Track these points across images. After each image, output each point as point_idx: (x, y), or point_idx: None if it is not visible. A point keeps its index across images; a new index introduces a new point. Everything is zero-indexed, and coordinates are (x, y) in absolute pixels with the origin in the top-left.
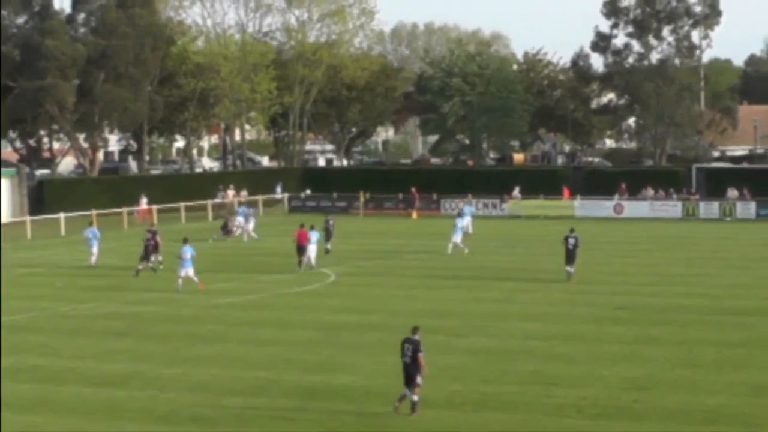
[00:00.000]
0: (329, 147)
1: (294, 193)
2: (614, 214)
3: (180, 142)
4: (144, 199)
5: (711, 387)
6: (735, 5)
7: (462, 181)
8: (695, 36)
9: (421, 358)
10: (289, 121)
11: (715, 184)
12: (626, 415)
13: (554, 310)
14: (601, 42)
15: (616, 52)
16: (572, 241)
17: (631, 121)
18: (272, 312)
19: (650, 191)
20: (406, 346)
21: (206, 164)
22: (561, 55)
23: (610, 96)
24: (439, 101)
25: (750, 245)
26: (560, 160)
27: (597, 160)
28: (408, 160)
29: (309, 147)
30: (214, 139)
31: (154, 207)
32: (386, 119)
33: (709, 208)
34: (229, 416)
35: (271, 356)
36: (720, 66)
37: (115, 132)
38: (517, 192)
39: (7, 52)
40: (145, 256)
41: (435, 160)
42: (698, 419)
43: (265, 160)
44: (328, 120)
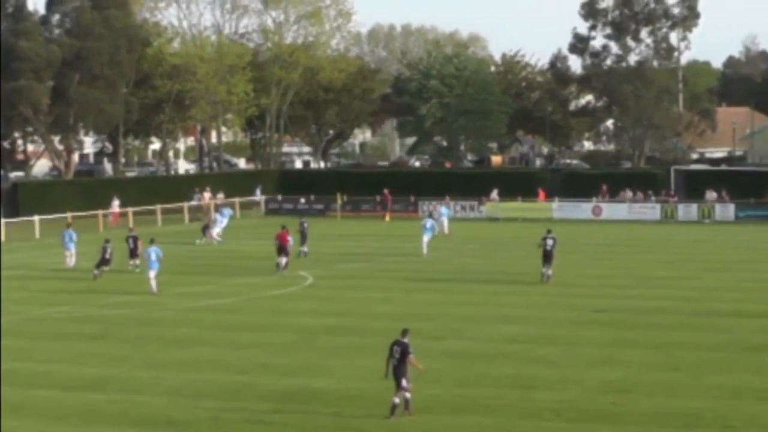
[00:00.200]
0: (306, 149)
1: (271, 195)
2: (593, 217)
3: (156, 144)
4: (116, 202)
5: (690, 390)
6: (713, 7)
7: (440, 184)
8: (673, 38)
9: (413, 358)
10: (266, 123)
11: (693, 187)
12: (605, 419)
13: (533, 313)
14: (579, 44)
15: (594, 54)
16: (550, 242)
17: (610, 123)
18: (248, 315)
19: (629, 193)
20: (395, 348)
21: (182, 166)
22: (539, 56)
23: (589, 98)
24: (417, 103)
25: (729, 247)
26: (538, 162)
27: (575, 162)
28: (385, 162)
29: (286, 149)
30: (191, 141)
31: (130, 209)
32: (363, 121)
33: (688, 211)
34: (205, 420)
35: (248, 360)
36: (698, 68)
37: (90, 134)
38: (495, 194)
39: None
40: (101, 263)
41: (414, 162)
42: (677, 422)
43: (242, 163)
44: (305, 122)
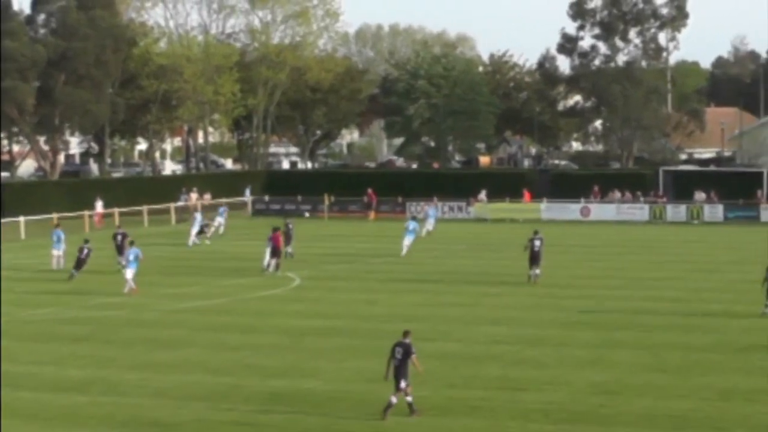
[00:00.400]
0: (293, 150)
1: (258, 196)
2: (581, 218)
3: (142, 145)
4: (99, 203)
5: (678, 391)
6: (702, 7)
7: (428, 184)
8: (662, 38)
9: (415, 359)
10: (253, 124)
11: (682, 187)
12: (593, 420)
13: (521, 315)
14: (568, 44)
15: (583, 54)
16: (537, 243)
17: (598, 124)
18: (236, 316)
19: (617, 194)
20: (397, 349)
21: (169, 167)
22: (527, 57)
23: (577, 98)
24: (405, 103)
25: (717, 248)
26: (526, 163)
27: (563, 162)
28: (372, 163)
29: (273, 149)
30: (177, 141)
31: (116, 210)
32: (351, 121)
33: (677, 211)
34: (192, 422)
35: (234, 361)
36: (687, 68)
37: (76, 134)
38: (483, 195)
39: None
40: (78, 265)
41: (400, 163)
42: (666, 424)
43: (229, 163)
44: (293, 122)
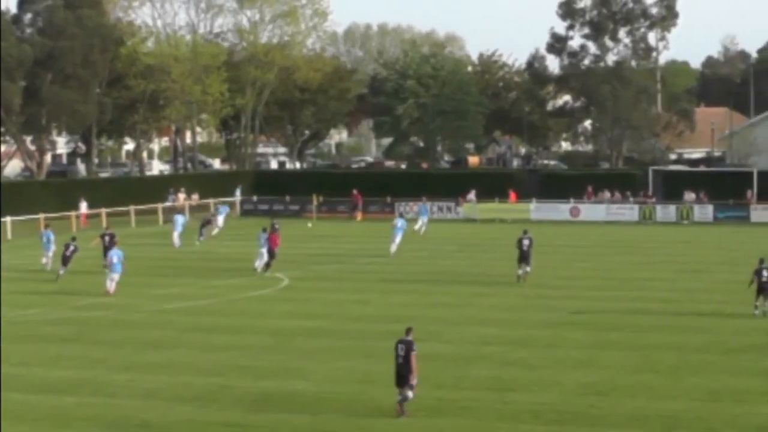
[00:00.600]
0: (282, 149)
1: (246, 196)
2: (570, 218)
3: (130, 145)
4: (83, 203)
5: (669, 392)
6: (692, 7)
7: (416, 184)
8: (652, 38)
9: (414, 357)
10: (241, 124)
11: (672, 187)
12: (583, 421)
13: (510, 315)
14: (557, 44)
15: (572, 54)
16: (526, 242)
17: (587, 124)
18: (224, 317)
19: (607, 194)
20: (400, 347)
21: (156, 167)
22: (516, 56)
23: (566, 98)
24: (393, 103)
25: (707, 249)
26: (516, 163)
27: (553, 162)
28: (362, 163)
29: (261, 150)
30: (165, 141)
31: (103, 210)
32: (339, 121)
33: (666, 212)
34: (180, 423)
35: (223, 362)
36: (677, 68)
37: (63, 134)
38: (473, 195)
39: None
40: (63, 262)
41: (389, 163)
42: (656, 424)
43: (217, 163)
44: (281, 122)
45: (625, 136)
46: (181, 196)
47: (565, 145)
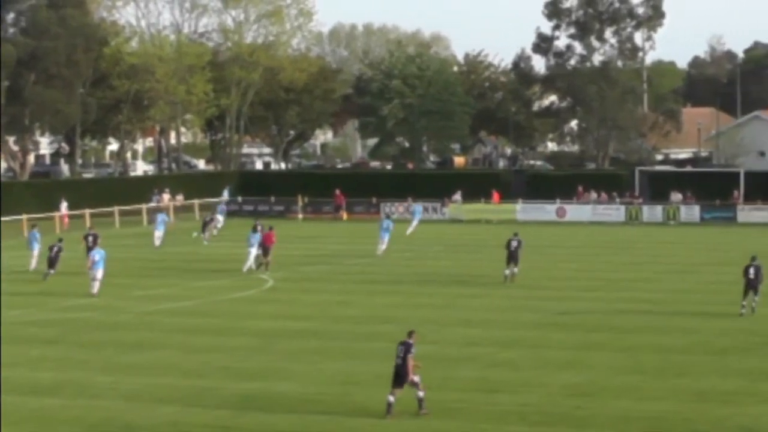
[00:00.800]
0: (267, 150)
1: (231, 197)
2: (557, 218)
3: (114, 145)
4: (64, 204)
5: (654, 393)
6: (678, 7)
7: (402, 185)
8: (638, 38)
9: (410, 359)
10: (226, 124)
11: (658, 188)
12: (569, 422)
13: (496, 316)
14: (543, 43)
15: (558, 54)
16: (515, 244)
17: (574, 124)
18: (208, 318)
19: (593, 195)
20: (400, 348)
21: (141, 167)
22: (502, 56)
23: (552, 98)
24: (379, 103)
25: (694, 249)
26: (502, 164)
27: (539, 163)
28: (347, 164)
29: (246, 150)
30: (149, 142)
31: (87, 211)
32: (325, 122)
33: (653, 212)
34: (164, 425)
35: (207, 364)
36: (663, 68)
37: (47, 135)
38: (459, 196)
39: None
40: (50, 263)
41: (374, 164)
42: (642, 426)
43: (202, 164)
44: (266, 122)
45: (612, 137)
46: (166, 197)
47: (551, 146)
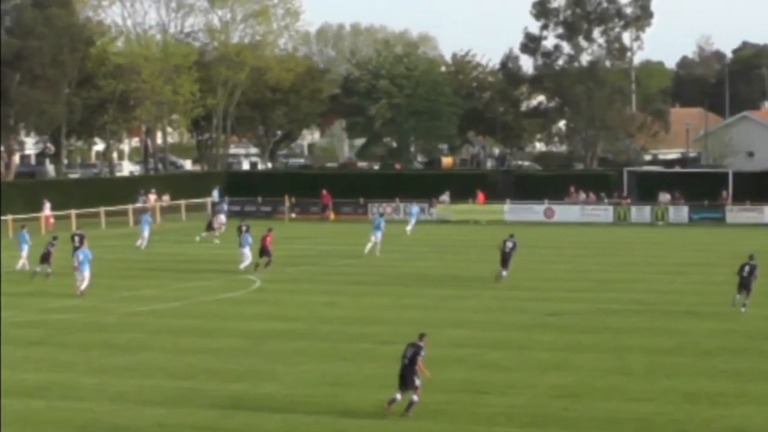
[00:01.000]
0: (253, 150)
1: (220, 197)
2: (545, 219)
3: (99, 146)
4: (47, 205)
5: (643, 394)
6: (667, 7)
7: (389, 185)
8: (626, 38)
9: (420, 361)
10: (213, 124)
11: (646, 188)
12: (557, 423)
13: (484, 317)
14: (531, 43)
15: (546, 54)
16: (509, 245)
17: (562, 124)
18: (195, 319)
19: (581, 195)
20: (408, 349)
21: (127, 168)
22: (490, 56)
23: (540, 98)
24: (366, 103)
25: (682, 250)
26: (489, 164)
27: (527, 163)
28: (334, 164)
29: (233, 150)
30: (135, 142)
31: (73, 212)
32: (312, 122)
33: (641, 213)
34: (150, 426)
35: (194, 365)
36: (651, 68)
37: (32, 135)
38: (446, 196)
39: None
40: (43, 260)
41: (362, 164)
42: (630, 427)
43: (188, 164)
44: (253, 123)
45: (600, 137)
46: (152, 197)
47: (540, 146)
